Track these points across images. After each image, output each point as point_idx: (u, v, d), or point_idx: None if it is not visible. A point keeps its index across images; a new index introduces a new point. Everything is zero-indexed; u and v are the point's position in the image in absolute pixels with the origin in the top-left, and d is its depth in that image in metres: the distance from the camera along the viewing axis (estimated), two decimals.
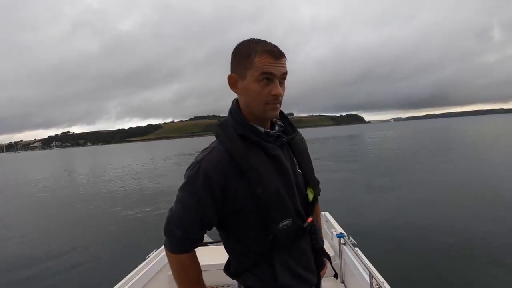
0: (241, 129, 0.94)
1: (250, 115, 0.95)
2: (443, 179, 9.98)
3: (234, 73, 0.95)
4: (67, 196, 13.58)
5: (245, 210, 0.92)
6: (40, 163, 54.73)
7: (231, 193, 0.90)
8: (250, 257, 0.97)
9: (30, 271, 5.39)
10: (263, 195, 0.89)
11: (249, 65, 0.89)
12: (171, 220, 0.98)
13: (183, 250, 0.97)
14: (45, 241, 7.18)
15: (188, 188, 0.93)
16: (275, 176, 0.92)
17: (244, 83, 0.92)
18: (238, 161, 0.90)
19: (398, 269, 3.90)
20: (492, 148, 19.11)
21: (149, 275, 2.30)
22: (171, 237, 0.98)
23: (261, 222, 0.92)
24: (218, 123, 1.00)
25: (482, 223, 5.64)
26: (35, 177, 24.88)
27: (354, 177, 11.77)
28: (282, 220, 0.92)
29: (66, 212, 10.37)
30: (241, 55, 0.92)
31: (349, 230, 2.65)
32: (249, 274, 0.98)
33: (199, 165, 0.91)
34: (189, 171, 0.94)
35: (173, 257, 0.99)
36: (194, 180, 0.91)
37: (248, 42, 0.93)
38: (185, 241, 0.96)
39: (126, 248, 5.98)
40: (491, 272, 3.86)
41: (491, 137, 28.52)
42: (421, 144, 26.42)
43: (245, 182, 0.90)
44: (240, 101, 0.97)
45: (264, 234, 0.93)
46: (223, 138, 0.94)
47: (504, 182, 8.94)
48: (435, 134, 41.16)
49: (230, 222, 0.97)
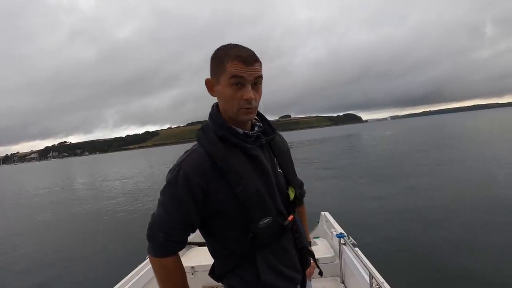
0: (220, 131, 0.95)
1: (229, 117, 0.97)
2: (442, 178, 9.96)
3: (212, 77, 0.96)
4: (66, 198, 13.57)
5: (226, 211, 0.93)
6: (38, 174, 54.48)
7: (212, 195, 0.91)
8: (232, 258, 0.98)
9: (30, 271, 5.44)
10: (242, 194, 0.90)
11: (222, 70, 0.91)
12: (153, 225, 0.97)
13: (166, 253, 0.97)
14: (45, 241, 7.27)
15: (169, 191, 0.94)
16: (255, 176, 0.93)
17: (218, 87, 0.94)
18: (218, 163, 0.91)
19: (398, 269, 3.89)
20: (488, 143, 19.21)
21: (149, 275, 2.31)
22: (153, 241, 0.97)
23: (242, 222, 0.93)
24: (199, 128, 1.02)
25: (482, 222, 5.60)
26: (33, 186, 24.76)
27: (354, 177, 11.75)
28: (262, 219, 0.93)
29: (66, 213, 10.42)
30: (217, 60, 0.94)
31: (349, 230, 2.64)
32: (232, 274, 0.99)
33: (179, 167, 0.92)
34: (170, 175, 0.94)
35: (156, 262, 0.98)
36: (175, 183, 0.92)
37: (224, 47, 0.94)
38: (168, 243, 0.95)
39: (126, 248, 6.01)
40: (491, 271, 3.83)
41: (487, 132, 28.70)
42: (419, 141, 26.47)
43: (225, 184, 0.91)
44: (219, 104, 0.99)
45: (245, 234, 0.94)
46: (203, 141, 0.95)
47: (502, 180, 8.92)
48: (432, 131, 41.36)
49: (211, 224, 0.97)
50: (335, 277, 2.58)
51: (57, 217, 9.99)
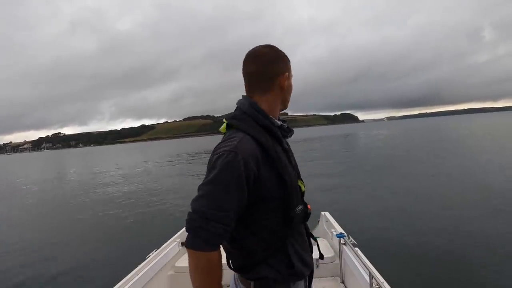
0: (264, 121, 1.02)
1: (273, 110, 1.07)
2: (441, 178, 10.05)
3: (286, 72, 1.08)
4: (66, 197, 13.45)
5: (269, 198, 0.96)
6: (32, 164, 53.84)
7: (262, 181, 0.94)
8: (264, 248, 0.99)
9: (30, 272, 5.36)
10: (289, 182, 0.97)
11: (290, 66, 1.09)
12: (204, 214, 0.88)
13: (217, 245, 0.91)
14: (45, 242, 7.13)
15: (225, 177, 0.89)
16: (291, 167, 1.04)
17: (290, 80, 1.09)
18: (269, 150, 0.96)
19: (398, 269, 3.90)
20: (483, 146, 19.40)
21: (149, 275, 2.31)
22: (204, 233, 0.88)
23: (279, 210, 0.98)
24: (231, 117, 1.05)
25: (482, 221, 5.66)
26: (29, 177, 24.49)
27: (354, 177, 11.76)
28: (297, 206, 1.01)
29: (66, 213, 10.30)
30: (285, 58, 1.08)
31: (349, 230, 2.64)
32: (264, 265, 1.00)
33: (235, 152, 0.90)
34: (223, 160, 0.90)
35: (203, 257, 0.90)
36: (232, 168, 0.89)
37: (274, 47, 1.09)
38: (224, 234, 0.90)
39: (126, 248, 5.99)
40: (491, 271, 3.87)
41: (484, 136, 28.94)
42: (416, 143, 26.67)
43: (273, 171, 0.95)
44: (272, 97, 1.07)
45: (282, 222, 0.99)
46: (248, 128, 0.98)
47: (498, 179, 9.05)
48: (427, 134, 41.62)
49: (251, 211, 0.96)
50: (335, 277, 2.58)
51: (56, 218, 9.85)
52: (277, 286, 1.00)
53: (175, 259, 2.80)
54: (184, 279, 2.53)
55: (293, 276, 1.02)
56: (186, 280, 1.03)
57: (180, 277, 2.62)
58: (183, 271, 2.61)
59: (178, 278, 2.62)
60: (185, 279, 2.57)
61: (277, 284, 1.00)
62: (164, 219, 7.92)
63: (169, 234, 3.02)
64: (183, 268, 2.64)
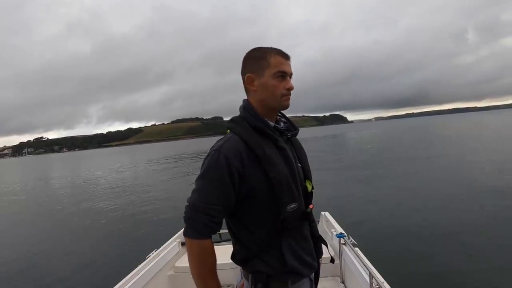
0: (257, 122, 1.05)
1: (263, 110, 1.08)
2: (440, 178, 10.06)
3: (251, 73, 1.07)
4: (65, 197, 13.23)
5: (258, 194, 1.01)
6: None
7: (248, 178, 0.99)
8: (258, 243, 1.04)
9: (30, 272, 5.31)
10: (275, 179, 0.99)
11: (265, 65, 1.05)
12: (194, 207, 1.00)
13: (208, 234, 1.00)
14: (45, 242, 7.06)
15: (210, 173, 0.99)
16: (284, 165, 1.04)
17: (261, 80, 1.06)
18: (255, 150, 1.00)
19: (398, 269, 3.90)
20: (469, 144, 19.88)
21: (149, 275, 2.30)
22: (195, 224, 0.99)
23: (272, 205, 1.01)
24: (229, 121, 1.11)
25: (482, 221, 5.70)
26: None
27: (354, 177, 11.73)
28: (290, 203, 1.02)
29: (66, 213, 10.20)
30: (257, 57, 1.07)
31: (349, 230, 2.64)
32: (257, 260, 1.05)
33: (219, 151, 1.00)
34: (210, 159, 1.01)
35: (196, 244, 1.00)
36: (216, 166, 0.98)
37: (259, 48, 1.08)
38: (210, 224, 0.99)
39: (126, 248, 5.97)
40: (491, 271, 3.87)
41: (469, 134, 29.65)
42: (408, 142, 27.03)
43: (260, 169, 1.00)
44: (253, 98, 1.09)
45: (273, 219, 1.02)
46: (239, 130, 1.04)
47: (494, 177, 9.20)
48: (416, 133, 42.38)
49: (242, 208, 1.03)
50: (335, 277, 2.58)
51: (56, 218, 9.64)
52: (272, 281, 1.04)
53: (175, 259, 2.78)
54: (184, 279, 2.52)
55: (289, 274, 1.05)
56: (186, 280, 1.05)
57: (180, 277, 2.59)
58: (183, 271, 2.59)
59: (178, 278, 2.60)
60: (185, 279, 2.55)
61: (272, 280, 1.04)
62: (164, 219, 7.88)
63: (169, 234, 3.00)
64: (183, 268, 2.62)
